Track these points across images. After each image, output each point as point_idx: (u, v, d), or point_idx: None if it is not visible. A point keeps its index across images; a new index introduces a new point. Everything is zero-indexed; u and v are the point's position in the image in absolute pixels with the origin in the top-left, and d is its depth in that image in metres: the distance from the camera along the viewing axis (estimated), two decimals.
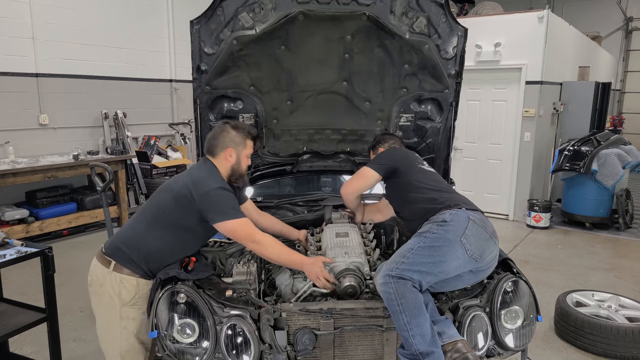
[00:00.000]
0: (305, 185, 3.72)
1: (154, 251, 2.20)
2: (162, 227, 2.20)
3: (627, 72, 14.31)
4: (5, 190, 5.78)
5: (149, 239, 2.20)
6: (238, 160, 2.31)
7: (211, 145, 2.32)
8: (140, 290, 2.19)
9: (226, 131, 2.31)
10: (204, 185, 2.15)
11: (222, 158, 2.29)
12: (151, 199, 2.32)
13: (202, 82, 2.67)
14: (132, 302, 2.19)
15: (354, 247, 2.36)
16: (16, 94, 5.96)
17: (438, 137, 3.03)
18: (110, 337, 2.24)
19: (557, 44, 7.30)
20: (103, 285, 2.19)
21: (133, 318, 2.21)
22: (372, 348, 2.05)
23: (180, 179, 2.28)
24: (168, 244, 2.21)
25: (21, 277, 4.17)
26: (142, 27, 7.39)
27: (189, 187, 2.16)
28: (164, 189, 2.28)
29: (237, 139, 2.31)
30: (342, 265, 2.19)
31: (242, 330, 1.96)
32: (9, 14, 5.83)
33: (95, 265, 2.26)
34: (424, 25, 2.55)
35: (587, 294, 3.89)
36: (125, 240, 2.23)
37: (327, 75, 2.79)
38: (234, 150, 2.29)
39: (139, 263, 2.19)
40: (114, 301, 2.18)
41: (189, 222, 2.19)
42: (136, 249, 2.19)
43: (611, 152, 6.45)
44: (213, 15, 2.46)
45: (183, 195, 2.16)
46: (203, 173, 2.23)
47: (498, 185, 7.43)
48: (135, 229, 2.25)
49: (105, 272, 2.19)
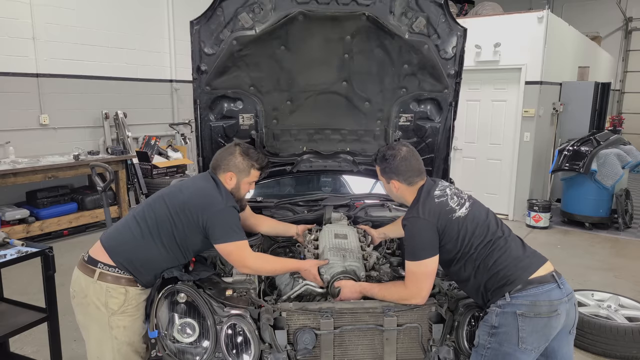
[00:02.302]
0: (305, 185, 3.72)
1: (148, 261, 2.12)
2: (160, 237, 2.12)
3: (626, 72, 14.32)
4: (5, 190, 5.78)
5: (144, 248, 2.12)
6: (237, 186, 2.29)
7: (217, 163, 2.30)
8: (129, 299, 2.10)
9: (233, 155, 2.28)
10: (216, 203, 2.13)
11: (223, 179, 2.27)
12: (148, 205, 2.21)
13: (202, 82, 2.67)
14: (122, 310, 2.10)
15: (351, 250, 2.36)
16: (17, 94, 5.97)
17: (437, 137, 3.03)
18: (101, 349, 2.14)
19: (557, 44, 7.31)
20: (87, 295, 2.10)
21: (124, 326, 2.12)
22: (372, 347, 2.06)
23: (185, 190, 2.22)
24: (162, 256, 2.13)
25: (22, 277, 4.17)
26: (143, 27, 7.40)
27: (196, 202, 2.13)
28: (165, 198, 2.20)
29: (241, 166, 2.28)
30: (339, 267, 2.20)
31: (242, 330, 1.97)
32: (9, 14, 5.83)
33: (77, 276, 2.15)
34: (423, 25, 2.55)
35: (586, 294, 3.90)
36: (117, 246, 2.13)
37: (327, 76, 2.79)
38: (235, 176, 2.27)
39: (133, 271, 2.10)
40: (100, 311, 2.09)
41: (188, 234, 2.13)
42: (129, 257, 2.11)
43: (611, 152, 6.45)
44: (213, 15, 2.46)
45: (189, 209, 2.11)
46: (210, 191, 2.19)
47: (498, 185, 7.44)
48: (130, 237, 2.14)
49: (90, 282, 2.09)
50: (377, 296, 2.08)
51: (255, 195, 3.37)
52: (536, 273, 1.93)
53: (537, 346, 1.88)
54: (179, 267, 2.20)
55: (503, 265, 1.95)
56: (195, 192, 2.19)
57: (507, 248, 2.00)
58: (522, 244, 2.07)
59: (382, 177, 2.28)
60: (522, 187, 7.25)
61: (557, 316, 1.88)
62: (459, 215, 2.04)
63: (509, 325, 1.87)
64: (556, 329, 1.91)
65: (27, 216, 5.70)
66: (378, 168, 2.28)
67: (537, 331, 1.87)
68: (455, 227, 2.01)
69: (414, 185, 2.18)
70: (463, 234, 2.01)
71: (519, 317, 1.86)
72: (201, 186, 2.23)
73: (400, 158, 2.17)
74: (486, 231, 2.03)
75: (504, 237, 2.04)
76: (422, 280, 2.00)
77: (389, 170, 2.20)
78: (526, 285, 1.90)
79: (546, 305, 1.87)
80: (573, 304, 1.96)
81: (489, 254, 1.98)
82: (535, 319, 1.86)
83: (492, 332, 1.90)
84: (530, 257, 2.01)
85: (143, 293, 2.16)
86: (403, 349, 2.08)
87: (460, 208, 2.07)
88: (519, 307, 1.87)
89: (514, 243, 2.04)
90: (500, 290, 1.93)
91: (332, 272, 2.18)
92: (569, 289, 1.96)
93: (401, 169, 2.17)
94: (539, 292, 1.88)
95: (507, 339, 1.87)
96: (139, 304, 2.15)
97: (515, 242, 2.05)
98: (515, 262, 1.96)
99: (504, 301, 1.90)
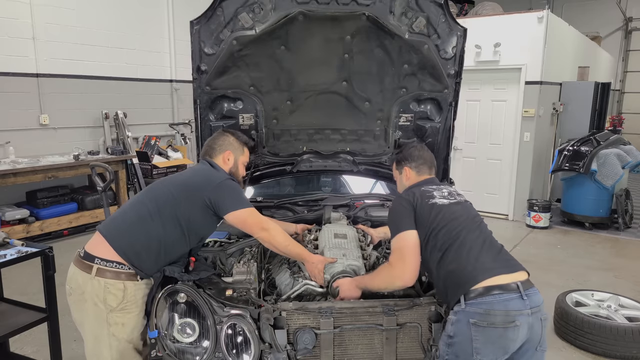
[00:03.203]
0: (305, 185, 3.72)
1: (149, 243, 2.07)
2: (160, 216, 2.09)
3: (626, 72, 14.32)
4: (5, 190, 5.79)
5: (145, 229, 2.08)
6: (235, 164, 2.39)
7: (210, 147, 2.38)
8: (128, 295, 2.06)
9: (225, 136, 2.42)
10: (215, 177, 2.20)
11: (221, 160, 2.35)
12: (146, 191, 2.22)
13: (202, 82, 2.67)
14: (120, 307, 2.05)
15: (352, 250, 2.36)
16: (17, 94, 5.97)
17: (437, 137, 3.03)
18: (99, 347, 2.09)
19: (557, 44, 7.31)
20: (85, 292, 2.05)
21: (122, 323, 2.07)
22: (371, 347, 2.06)
23: (184, 173, 2.34)
24: (163, 237, 2.09)
25: (22, 277, 4.17)
26: (143, 27, 7.40)
27: (196, 180, 2.19)
28: (163, 182, 2.25)
29: (235, 144, 2.41)
30: (339, 267, 2.20)
31: (242, 330, 1.96)
32: (9, 14, 5.83)
33: (74, 272, 2.11)
34: (423, 25, 2.56)
35: (586, 294, 3.90)
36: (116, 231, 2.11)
37: (327, 75, 2.80)
38: (232, 154, 2.37)
39: (133, 257, 2.05)
40: (98, 308, 2.04)
41: (191, 212, 2.11)
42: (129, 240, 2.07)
43: (611, 152, 6.45)
44: (213, 15, 2.47)
45: (190, 188, 2.15)
46: (208, 170, 2.28)
47: (497, 185, 7.44)
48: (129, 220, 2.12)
49: (87, 278, 2.04)
50: (370, 285, 2.08)
51: (255, 195, 3.37)
52: (497, 280, 1.83)
53: (494, 358, 1.79)
54: (179, 267, 2.18)
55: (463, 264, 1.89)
56: (194, 172, 2.27)
57: (474, 247, 1.93)
58: (499, 250, 1.98)
59: (396, 169, 2.44)
60: (522, 187, 7.25)
61: (514, 328, 1.77)
62: (436, 202, 2.08)
63: (462, 335, 1.81)
64: (515, 342, 1.79)
65: (27, 216, 5.70)
66: (395, 162, 2.46)
67: (492, 342, 1.78)
68: (428, 209, 2.04)
69: (421, 176, 2.33)
70: (433, 218, 2.00)
71: (472, 326, 1.78)
72: (198, 167, 2.33)
73: (414, 147, 2.43)
74: (459, 226, 1.99)
75: (478, 237, 1.98)
76: (406, 255, 1.98)
77: (403, 157, 2.40)
78: (485, 292, 1.80)
79: (501, 315, 1.77)
80: (539, 318, 1.83)
81: (452, 246, 1.93)
82: (488, 329, 1.77)
83: (449, 343, 1.85)
84: (498, 262, 1.91)
85: (142, 288, 2.11)
86: (403, 349, 2.08)
87: (442, 199, 2.10)
88: (472, 316, 1.79)
89: (487, 246, 1.96)
90: (456, 290, 1.86)
91: (333, 271, 2.18)
92: (536, 301, 1.84)
93: (414, 154, 2.36)
94: (496, 301, 1.79)
95: (463, 350, 1.81)
96: (138, 300, 2.10)
97: (491, 245, 1.97)
98: (475, 263, 1.88)
99: (459, 307, 1.83)
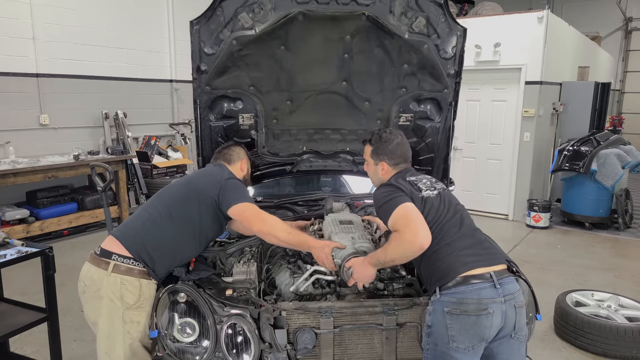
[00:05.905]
0: (305, 185, 3.72)
1: (160, 246, 2.12)
2: (172, 219, 2.17)
3: (626, 72, 14.33)
4: (5, 190, 5.79)
5: (157, 231, 2.14)
6: (248, 172, 2.58)
7: (227, 154, 2.51)
8: (143, 292, 2.09)
9: (239, 147, 2.60)
10: (218, 177, 2.28)
11: (237, 167, 2.49)
12: (157, 196, 2.31)
13: (202, 82, 2.67)
14: (137, 305, 2.08)
15: (359, 233, 2.32)
16: (17, 94, 5.98)
17: (437, 137, 3.03)
18: (112, 344, 2.09)
19: (557, 44, 7.31)
20: (100, 289, 2.06)
21: (138, 322, 2.09)
22: (371, 347, 2.06)
23: (191, 175, 2.43)
24: (175, 241, 2.16)
25: (22, 277, 4.17)
26: (143, 27, 7.40)
27: (203, 180, 2.29)
28: (173, 186, 2.33)
29: (248, 154, 2.61)
30: (350, 249, 2.14)
31: (242, 330, 1.97)
32: (9, 14, 5.84)
33: (88, 270, 2.13)
34: (423, 25, 2.56)
35: (586, 294, 3.90)
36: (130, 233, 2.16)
37: (327, 75, 2.80)
38: (247, 162, 2.57)
39: (146, 259, 2.09)
40: (115, 304, 2.06)
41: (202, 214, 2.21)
42: (142, 241, 2.12)
43: (611, 152, 6.46)
44: (213, 15, 2.47)
45: (199, 188, 2.24)
46: (216, 170, 2.37)
47: (497, 185, 7.44)
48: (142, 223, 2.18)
49: (103, 275, 2.06)
50: (383, 259, 1.95)
51: (255, 195, 3.37)
52: (476, 270, 1.87)
53: (470, 345, 1.84)
54: (183, 267, 2.20)
55: (443, 259, 1.91)
56: (202, 173, 2.42)
57: (456, 240, 1.95)
58: (480, 242, 2.00)
59: (371, 157, 2.32)
60: (522, 187, 7.25)
61: (487, 315, 1.82)
62: (423, 195, 2.07)
63: (439, 324, 1.86)
64: (489, 329, 1.84)
65: (27, 216, 5.70)
66: (370, 148, 2.31)
67: (467, 329, 1.83)
68: (420, 204, 2.02)
69: (397, 168, 2.26)
70: (426, 214, 1.99)
71: (446, 314, 1.84)
72: (207, 169, 2.46)
73: (397, 143, 2.26)
74: (443, 220, 1.99)
75: (459, 229, 1.99)
76: (411, 220, 1.90)
77: (382, 152, 2.26)
78: (462, 282, 1.85)
79: (474, 303, 1.83)
80: (513, 305, 1.88)
81: (435, 241, 1.92)
82: (462, 317, 1.83)
83: (428, 332, 1.91)
84: (478, 255, 1.94)
85: (154, 287, 2.14)
86: (403, 348, 2.08)
87: (427, 191, 2.10)
88: (446, 305, 1.85)
89: (468, 238, 1.98)
90: (435, 284, 1.90)
91: (343, 254, 2.11)
92: (510, 290, 1.89)
93: (396, 152, 2.25)
94: (468, 290, 1.84)
95: (440, 338, 1.86)
96: (151, 298, 2.12)
97: (472, 238, 1.99)
98: (455, 257, 1.91)
99: (435, 297, 1.89)
